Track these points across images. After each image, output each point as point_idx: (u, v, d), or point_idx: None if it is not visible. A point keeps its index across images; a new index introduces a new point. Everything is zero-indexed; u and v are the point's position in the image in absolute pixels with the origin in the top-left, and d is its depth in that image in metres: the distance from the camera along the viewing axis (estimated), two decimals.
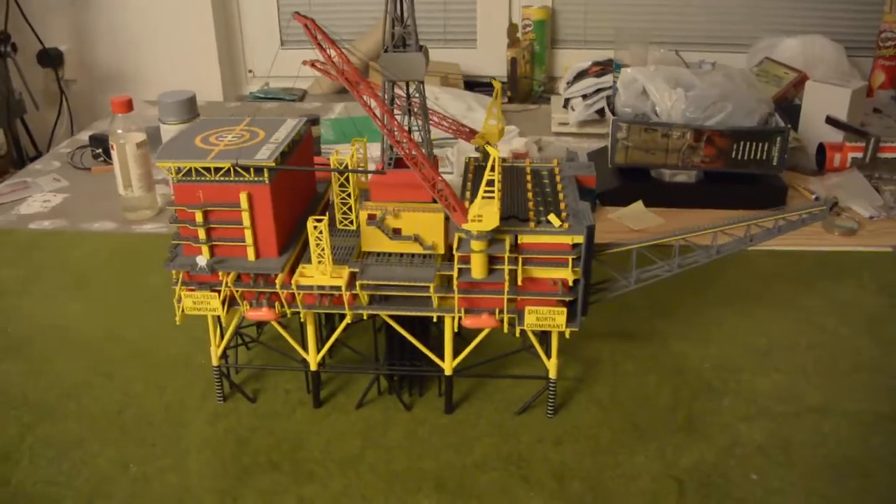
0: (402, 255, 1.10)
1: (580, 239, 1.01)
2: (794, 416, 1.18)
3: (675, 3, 2.57)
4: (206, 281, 1.10)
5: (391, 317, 1.12)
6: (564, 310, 1.04)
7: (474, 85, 2.53)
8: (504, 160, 1.25)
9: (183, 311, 1.11)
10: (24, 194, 1.86)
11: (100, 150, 1.95)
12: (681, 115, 1.71)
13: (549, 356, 1.13)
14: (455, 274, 1.03)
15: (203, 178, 1.05)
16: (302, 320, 1.13)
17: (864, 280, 1.51)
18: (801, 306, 1.44)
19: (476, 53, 2.61)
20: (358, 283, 1.05)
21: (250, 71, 2.68)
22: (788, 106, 2.07)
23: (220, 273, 1.08)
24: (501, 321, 1.07)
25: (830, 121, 1.91)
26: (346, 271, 1.06)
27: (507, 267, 1.02)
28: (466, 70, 2.60)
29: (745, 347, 1.32)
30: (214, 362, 1.19)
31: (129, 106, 1.65)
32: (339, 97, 2.49)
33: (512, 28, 2.42)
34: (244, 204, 1.05)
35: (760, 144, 1.70)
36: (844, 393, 1.22)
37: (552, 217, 1.02)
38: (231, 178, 1.05)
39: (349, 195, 1.14)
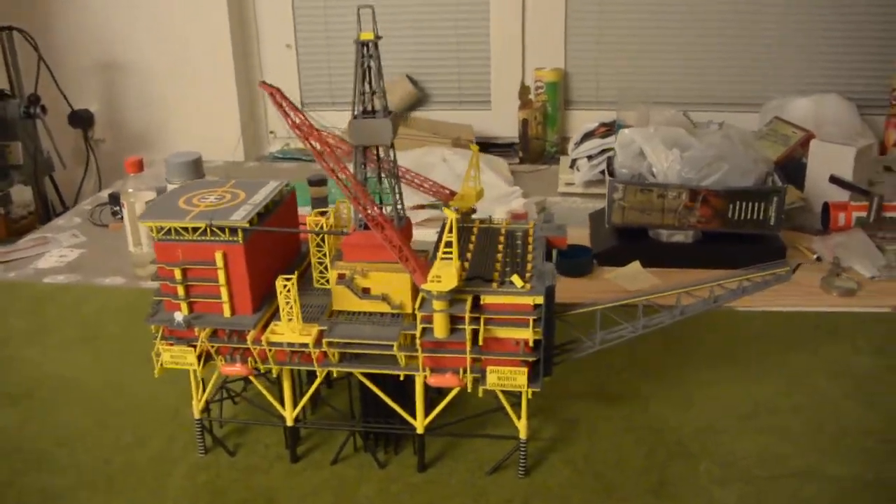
0: (371, 314, 1.12)
1: (540, 299, 1.03)
2: (773, 480, 1.16)
3: (687, 63, 2.59)
4: (183, 336, 1.14)
5: (364, 374, 1.14)
6: (525, 370, 1.06)
7: (488, 146, 2.57)
8: (482, 221, 1.28)
9: (161, 364, 1.15)
10: (42, 249, 1.94)
11: (117, 208, 2.03)
12: (676, 176, 1.73)
13: (518, 416, 1.14)
14: (418, 333, 1.06)
15: (181, 238, 1.10)
16: (273, 377, 1.16)
17: (858, 341, 1.49)
18: (790, 368, 1.42)
19: (490, 115, 2.67)
20: (324, 340, 1.08)
21: (272, 132, 2.78)
22: (795, 165, 2.06)
23: (196, 329, 1.12)
24: (464, 380, 1.08)
25: (834, 180, 1.90)
26: (314, 329, 1.09)
27: (467, 326, 1.04)
28: (481, 131, 2.65)
29: (728, 410, 1.31)
30: (196, 415, 1.23)
31: (139, 166, 1.72)
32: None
33: (523, 90, 2.47)
34: (219, 262, 1.09)
35: (757, 204, 1.70)
36: (828, 457, 1.20)
37: (515, 278, 1.04)
38: (207, 238, 1.09)
39: (325, 255, 1.17)
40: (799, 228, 1.94)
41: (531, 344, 1.05)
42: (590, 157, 2.14)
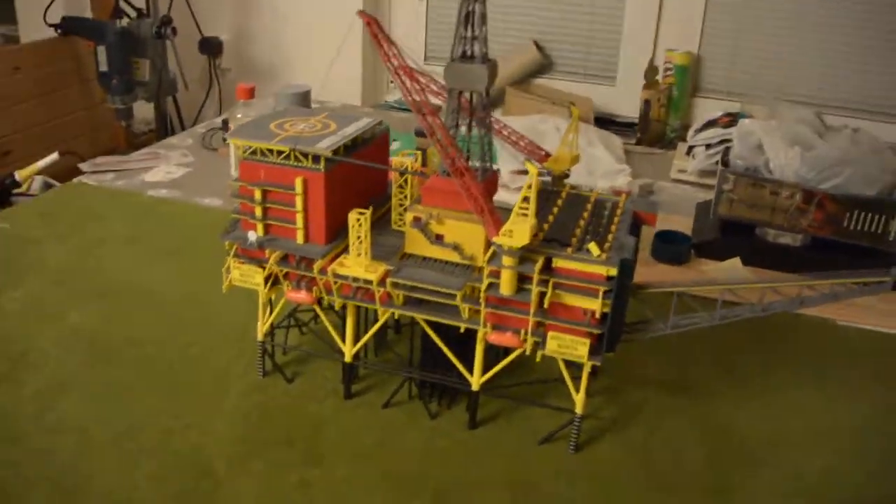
0: (442, 261, 1.10)
1: (614, 270, 0.98)
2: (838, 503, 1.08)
3: (829, 63, 2.43)
4: (255, 256, 1.15)
5: (427, 323, 1.12)
6: (588, 341, 1.01)
7: (608, 122, 2.50)
8: (574, 187, 1.24)
9: (230, 281, 1.17)
10: (152, 164, 2.01)
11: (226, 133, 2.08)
12: (794, 174, 1.62)
13: (577, 390, 1.10)
14: (483, 286, 1.03)
15: (266, 159, 1.10)
16: (337, 309, 1.16)
17: None
18: (881, 392, 1.31)
19: (614, 91, 2.58)
20: (388, 280, 1.06)
21: (392, 81, 2.78)
22: None
23: (266, 250, 1.13)
24: (525, 342, 1.05)
25: None
26: (381, 267, 1.07)
27: (534, 287, 1.00)
28: (603, 106, 2.57)
29: (806, 423, 1.23)
30: (259, 338, 1.24)
31: (251, 94, 1.76)
32: None
33: (651, 69, 2.38)
34: (298, 188, 1.09)
35: (876, 216, 1.58)
36: None
37: (592, 245, 1.00)
38: (290, 162, 1.09)
39: (406, 196, 1.16)
40: None
41: (598, 316, 1.00)
42: (708, 146, 2.04)
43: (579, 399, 1.10)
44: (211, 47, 2.61)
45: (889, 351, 1.44)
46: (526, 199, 0.97)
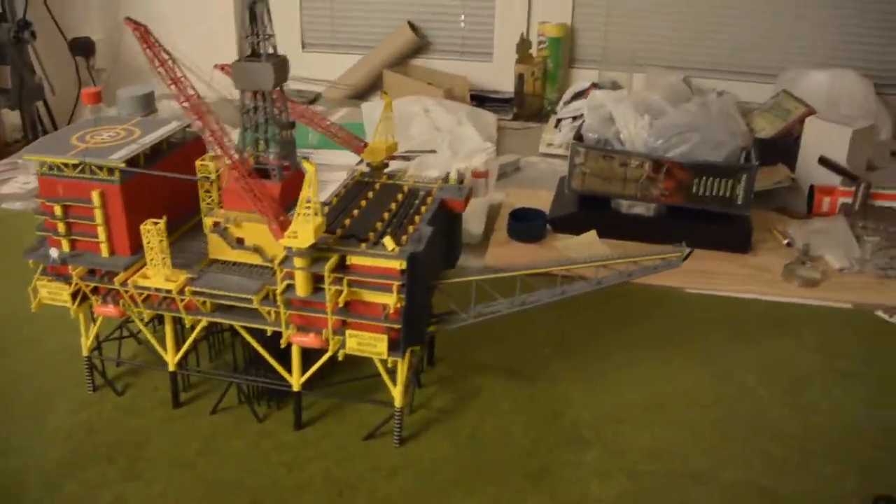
0: (248, 265, 1.09)
1: (405, 264, 0.98)
2: (661, 478, 1.09)
3: (704, 27, 2.45)
4: (61, 273, 1.12)
5: (244, 327, 1.11)
6: (385, 337, 1.01)
7: (485, 99, 2.49)
8: (391, 177, 1.23)
9: (39, 300, 1.14)
10: (9, 175, 1.95)
11: None
12: (643, 144, 1.63)
13: (395, 384, 1.10)
14: (279, 289, 1.02)
15: (63, 174, 1.07)
16: (144, 321, 1.14)
17: (805, 337, 1.40)
18: (724, 359, 1.34)
19: (491, 67, 2.57)
20: (187, 289, 1.04)
21: None
22: (791, 143, 1.93)
23: (69, 266, 1.10)
24: (328, 341, 1.04)
25: (823, 161, 1.78)
26: (182, 276, 1.06)
27: (327, 286, 0.99)
28: (481, 83, 2.56)
29: (640, 398, 1.24)
30: (84, 353, 1.22)
31: (97, 98, 1.71)
32: (351, 103, 2.50)
33: (522, 43, 2.36)
34: (96, 201, 1.06)
35: (724, 181, 1.59)
36: (728, 461, 1.12)
37: (387, 240, 0.99)
38: (86, 176, 1.06)
39: (213, 201, 1.14)
40: (783, 209, 1.82)
41: (393, 311, 1.00)
42: (574, 119, 2.04)
43: (397, 393, 1.10)
44: (82, 48, 2.54)
45: (737, 316, 1.46)
46: (308, 200, 0.95)
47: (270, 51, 1.03)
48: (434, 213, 1.09)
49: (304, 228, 0.95)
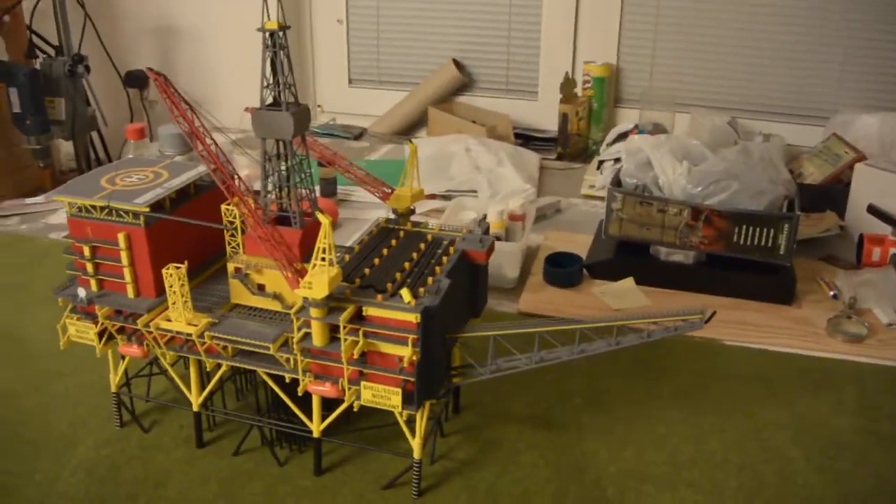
0: (270, 311, 1.09)
1: (418, 317, 0.96)
2: None
3: (752, 67, 2.39)
4: (89, 312, 1.14)
5: (267, 371, 1.11)
6: (399, 390, 1.00)
7: (530, 138, 2.47)
8: (416, 224, 1.22)
9: (68, 337, 1.16)
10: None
11: None
12: (681, 191, 1.60)
13: (413, 434, 1.08)
14: (296, 338, 1.01)
15: (91, 216, 1.10)
16: (169, 362, 1.15)
17: (845, 397, 1.34)
18: (756, 417, 1.29)
19: (536, 106, 2.56)
20: (206, 334, 1.05)
21: (319, 106, 2.77)
22: (841, 189, 1.87)
23: (96, 306, 1.12)
24: (344, 391, 1.03)
25: (872, 209, 1.72)
26: (203, 321, 1.06)
27: (342, 336, 0.99)
28: (526, 122, 2.55)
29: (668, 455, 1.21)
30: (113, 389, 1.23)
31: (141, 133, 1.75)
32: (396, 138, 2.51)
33: (567, 83, 2.35)
34: (122, 243, 1.08)
35: (765, 230, 1.55)
36: None
37: (404, 291, 0.98)
38: (113, 218, 1.08)
39: (238, 245, 1.14)
40: (831, 258, 1.76)
41: (407, 363, 0.99)
42: (616, 161, 2.01)
43: (416, 444, 1.09)
44: (136, 81, 2.61)
45: (774, 372, 1.41)
46: (325, 250, 0.95)
47: (291, 99, 1.04)
48: (455, 265, 1.07)
49: (319, 279, 0.95)
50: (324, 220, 0.94)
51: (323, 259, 0.95)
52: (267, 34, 1.02)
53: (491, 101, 2.59)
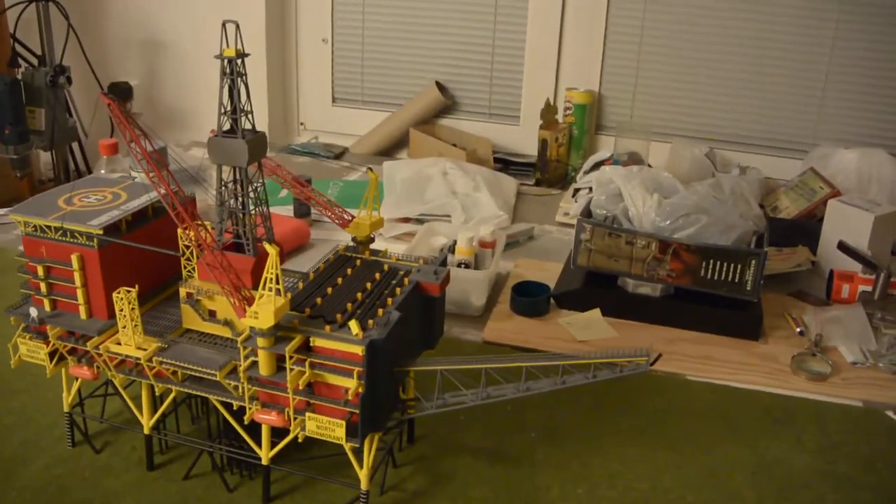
0: (223, 337, 1.08)
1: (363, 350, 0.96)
2: None
3: (734, 99, 2.41)
4: (42, 331, 1.13)
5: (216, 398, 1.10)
6: (343, 422, 0.99)
7: (510, 163, 2.48)
8: (374, 253, 1.22)
9: (19, 357, 1.15)
10: None
11: None
12: (651, 224, 1.60)
13: (361, 466, 1.08)
14: (243, 366, 1.01)
15: (46, 236, 1.09)
16: (120, 385, 1.14)
17: (805, 436, 1.34)
18: (715, 455, 1.28)
19: (518, 130, 2.56)
20: (155, 359, 1.05)
21: (302, 123, 2.77)
22: (815, 225, 1.87)
23: (48, 327, 1.11)
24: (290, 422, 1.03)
25: (842, 246, 1.72)
26: (153, 345, 1.06)
27: (288, 366, 0.98)
28: (507, 147, 2.56)
29: (621, 492, 1.20)
30: (65, 408, 1.23)
31: (113, 149, 1.75)
32: (376, 159, 2.51)
33: (547, 109, 2.35)
34: (75, 265, 1.08)
35: (732, 265, 1.55)
36: None
37: (352, 323, 0.98)
38: (66, 239, 1.08)
39: (194, 269, 1.14)
40: (801, 294, 1.76)
41: (352, 396, 0.98)
42: (590, 189, 2.01)
43: (363, 475, 1.08)
44: (120, 92, 2.62)
45: (736, 409, 1.40)
46: (272, 280, 0.95)
47: (248, 126, 1.03)
48: (407, 297, 1.07)
49: (266, 309, 0.95)
50: (271, 250, 0.94)
51: (271, 289, 0.95)
52: (225, 61, 1.02)
53: (473, 124, 2.60)
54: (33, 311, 1.12)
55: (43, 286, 1.12)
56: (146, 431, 1.18)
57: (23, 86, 2.20)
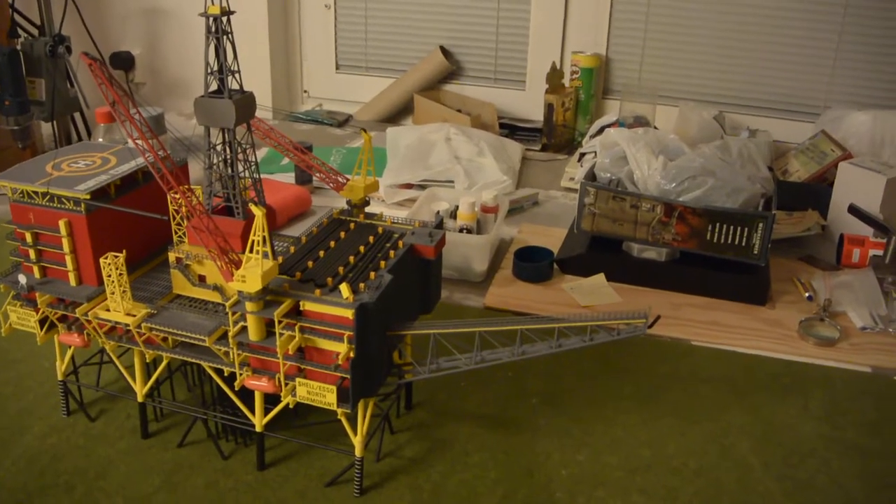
0: (213, 302, 1.07)
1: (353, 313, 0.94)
2: None
3: (744, 61, 2.35)
4: (31, 299, 1.11)
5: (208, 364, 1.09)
6: (334, 387, 0.97)
7: (516, 128, 2.44)
8: (369, 216, 1.19)
9: (10, 324, 1.14)
10: None
11: None
12: (656, 186, 1.56)
13: (355, 432, 1.06)
14: (232, 332, 0.99)
15: (34, 202, 1.07)
16: (112, 352, 1.13)
17: (813, 402, 1.31)
18: (721, 421, 1.26)
19: (524, 96, 2.52)
20: (144, 325, 1.03)
21: (305, 91, 2.74)
22: (825, 188, 1.83)
23: (36, 294, 1.10)
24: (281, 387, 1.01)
25: (853, 210, 1.68)
26: (142, 311, 1.04)
27: (278, 331, 0.96)
28: (512, 112, 2.52)
29: (624, 459, 1.18)
30: (59, 377, 1.21)
31: (110, 117, 1.72)
32: (380, 126, 2.48)
33: (553, 73, 2.30)
34: (63, 230, 1.06)
35: (739, 229, 1.51)
36: None
37: (343, 286, 0.95)
38: (54, 205, 1.06)
39: (184, 234, 1.12)
40: (811, 259, 1.72)
41: (343, 360, 0.96)
42: (596, 153, 1.97)
43: (357, 442, 1.06)
44: (122, 62, 2.59)
45: (742, 374, 1.37)
46: (259, 243, 0.93)
47: (235, 87, 1.01)
48: (400, 260, 1.05)
49: (253, 273, 0.93)
50: (257, 212, 0.91)
51: (256, 252, 0.93)
52: (210, 19, 0.98)
53: (478, 89, 2.55)
54: (22, 279, 1.10)
55: (32, 253, 1.10)
56: (140, 399, 1.16)
57: (22, 56, 2.17)
